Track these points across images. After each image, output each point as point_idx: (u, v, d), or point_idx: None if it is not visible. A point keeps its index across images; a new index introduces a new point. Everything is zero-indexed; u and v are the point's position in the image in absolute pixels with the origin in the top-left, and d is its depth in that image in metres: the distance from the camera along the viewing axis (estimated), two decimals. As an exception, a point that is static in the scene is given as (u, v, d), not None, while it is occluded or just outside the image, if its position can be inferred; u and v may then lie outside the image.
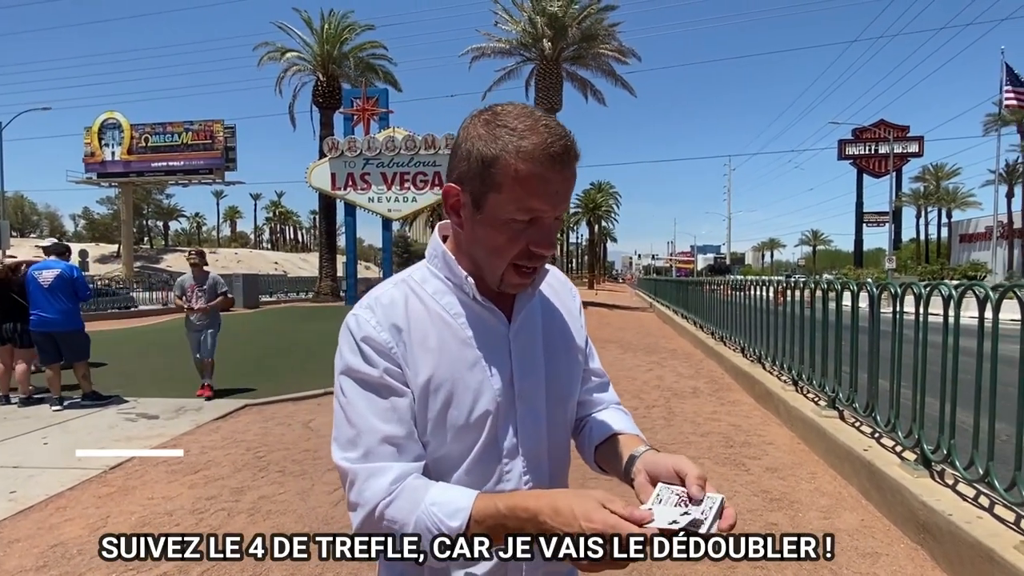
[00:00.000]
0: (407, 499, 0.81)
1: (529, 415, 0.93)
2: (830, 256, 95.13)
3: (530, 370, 0.94)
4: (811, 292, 5.61)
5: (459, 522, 0.77)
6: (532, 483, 0.92)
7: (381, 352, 0.86)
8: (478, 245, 0.88)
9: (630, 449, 0.94)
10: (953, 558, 2.73)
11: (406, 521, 0.80)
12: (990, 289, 2.89)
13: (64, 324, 6.05)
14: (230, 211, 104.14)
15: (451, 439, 0.88)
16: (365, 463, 0.83)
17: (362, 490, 0.82)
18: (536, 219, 0.84)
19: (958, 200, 53.23)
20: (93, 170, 35.46)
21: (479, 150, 0.83)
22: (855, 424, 4.49)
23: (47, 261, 6.27)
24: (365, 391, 0.86)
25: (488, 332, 0.91)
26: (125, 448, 4.64)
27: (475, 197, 0.85)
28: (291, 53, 26.94)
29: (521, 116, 0.83)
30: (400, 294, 0.91)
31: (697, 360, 9.73)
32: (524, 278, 0.89)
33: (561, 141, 0.82)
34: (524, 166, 0.80)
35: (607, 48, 23.93)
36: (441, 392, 0.87)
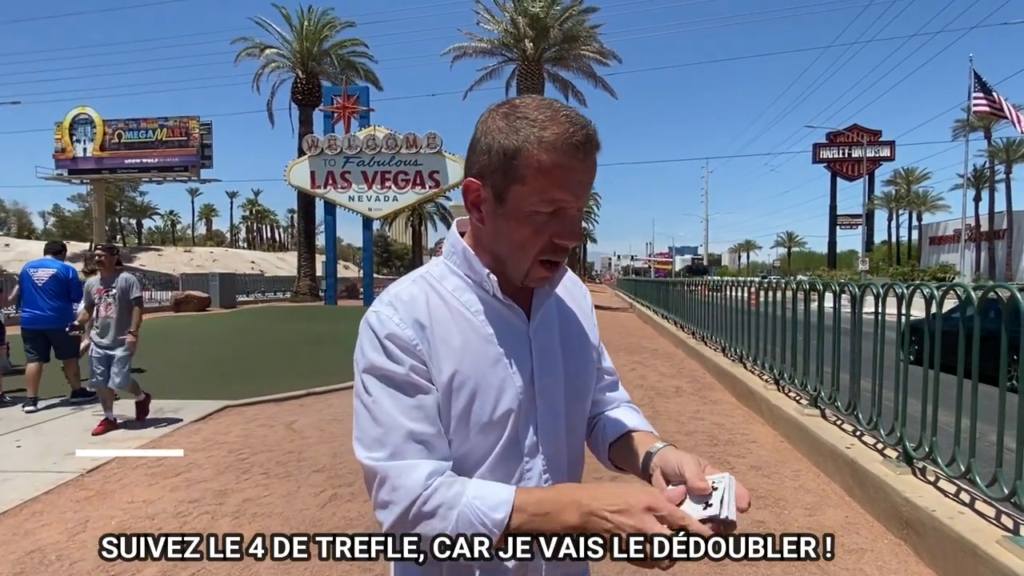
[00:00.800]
0: (446, 495, 0.79)
1: (549, 412, 0.93)
2: (804, 258, 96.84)
3: (549, 367, 0.93)
4: (792, 293, 5.69)
5: (502, 514, 0.77)
6: (551, 480, 0.92)
7: (406, 349, 0.84)
8: (501, 240, 0.87)
9: (646, 446, 0.94)
10: (936, 553, 2.79)
11: (447, 516, 0.78)
12: (972, 289, 2.96)
13: (56, 322, 5.99)
14: (206, 209, 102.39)
15: (474, 437, 0.87)
16: (395, 461, 0.81)
17: (395, 487, 0.80)
18: (559, 210, 0.83)
19: (928, 203, 54.55)
20: (64, 166, 34.57)
21: (500, 143, 0.82)
22: (837, 423, 4.57)
23: (43, 260, 6.24)
24: (391, 389, 0.84)
25: (509, 329, 0.91)
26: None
27: (497, 190, 0.84)
28: (270, 50, 26.60)
29: (541, 107, 0.83)
30: (420, 291, 0.90)
31: (679, 360, 9.82)
32: (549, 271, 0.88)
33: (583, 130, 0.82)
34: (547, 156, 0.80)
35: (588, 50, 24.05)
36: (465, 389, 0.86)
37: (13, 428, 5.15)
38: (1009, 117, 25.06)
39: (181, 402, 6.15)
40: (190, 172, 35.12)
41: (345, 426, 5.38)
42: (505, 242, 0.87)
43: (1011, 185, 44.86)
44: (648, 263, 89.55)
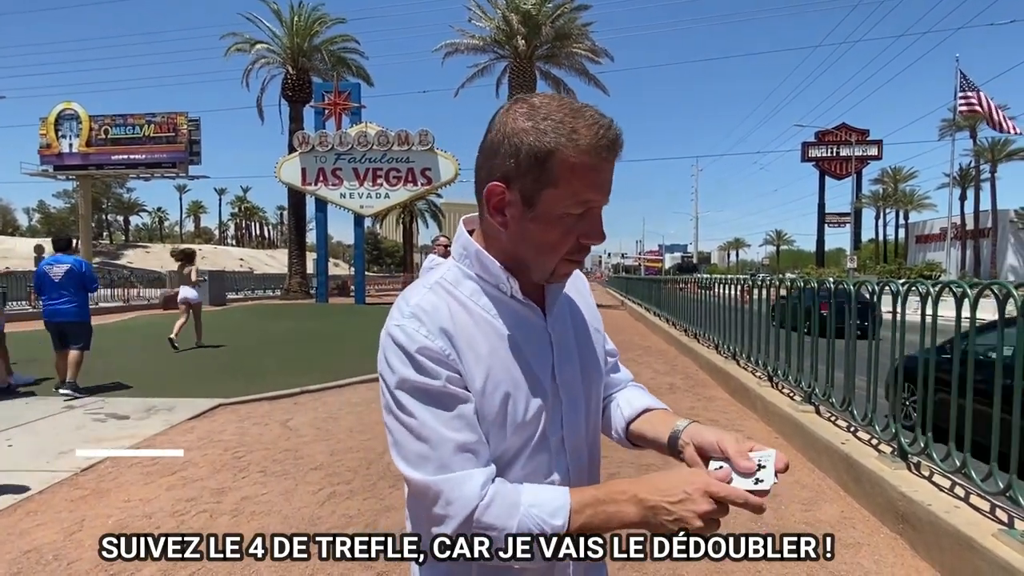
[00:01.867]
0: (502, 504, 0.79)
1: (571, 404, 0.94)
2: (793, 256, 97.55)
3: (568, 359, 0.95)
4: (787, 290, 5.74)
5: (562, 520, 0.78)
6: (576, 472, 0.94)
7: (439, 361, 0.83)
8: (528, 242, 0.86)
9: (669, 424, 0.96)
10: (933, 546, 2.82)
11: (506, 526, 0.78)
12: (968, 287, 2.99)
13: (73, 315, 6.48)
14: (194, 206, 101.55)
15: (510, 437, 0.87)
16: (446, 474, 0.80)
17: (450, 501, 0.79)
18: (588, 211, 0.84)
19: (914, 202, 55.11)
20: (49, 162, 34.08)
21: (529, 145, 0.81)
22: (831, 419, 4.61)
23: (57, 256, 6.62)
24: (428, 403, 0.82)
25: (529, 327, 0.91)
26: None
27: (526, 194, 0.83)
28: (260, 45, 26.41)
29: (564, 107, 0.83)
30: (440, 299, 0.88)
31: (672, 357, 9.87)
32: (572, 268, 0.90)
33: (611, 131, 0.82)
34: (580, 159, 0.80)
35: (580, 47, 24.08)
36: (498, 393, 0.86)
37: (3, 427, 5.08)
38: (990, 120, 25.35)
39: (174, 400, 6.10)
40: (178, 168, 34.73)
41: (341, 424, 5.36)
42: (533, 244, 0.86)
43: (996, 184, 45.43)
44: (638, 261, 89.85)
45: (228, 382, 7.02)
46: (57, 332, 6.45)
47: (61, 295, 6.42)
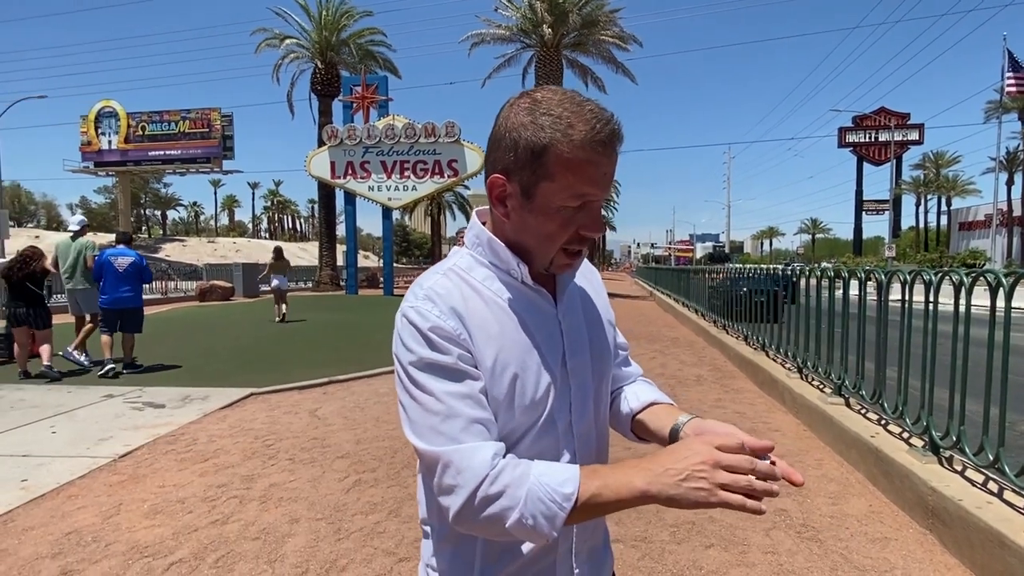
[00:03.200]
0: (513, 473, 0.80)
1: (580, 390, 0.95)
2: (829, 244, 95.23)
3: (579, 347, 0.96)
4: (816, 280, 5.61)
5: (571, 488, 0.78)
6: (582, 457, 0.95)
7: (451, 339, 0.85)
8: (528, 233, 0.89)
9: (672, 418, 0.98)
10: (963, 543, 2.75)
11: (515, 497, 0.79)
12: (1003, 276, 2.89)
13: (133, 302, 7.40)
14: (228, 200, 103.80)
15: (519, 417, 0.89)
16: (456, 445, 0.82)
17: (460, 470, 0.80)
18: (586, 204, 0.85)
19: (958, 188, 53.15)
20: (90, 159, 35.27)
21: (527, 139, 0.83)
22: (861, 411, 4.51)
23: (119, 248, 7.51)
24: (441, 378, 0.84)
25: (539, 313, 0.93)
26: (134, 435, 4.65)
27: (525, 187, 0.85)
28: (289, 40, 26.75)
29: (564, 101, 0.83)
30: (452, 283, 0.91)
31: (700, 348, 9.75)
32: (572, 259, 0.90)
33: (609, 126, 0.82)
34: (575, 154, 0.81)
35: (608, 34, 23.77)
36: (507, 374, 0.87)
37: (48, 415, 5.31)
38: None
39: (208, 389, 6.29)
40: (212, 163, 35.60)
41: (368, 413, 5.45)
42: (532, 235, 0.88)
43: (1045, 168, 43.46)
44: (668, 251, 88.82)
45: (260, 372, 7.20)
46: (117, 317, 7.28)
47: (124, 285, 7.30)
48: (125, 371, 7.22)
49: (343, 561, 2.82)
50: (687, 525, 3.16)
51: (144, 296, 7.94)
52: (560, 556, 0.94)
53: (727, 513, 3.30)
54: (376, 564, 2.78)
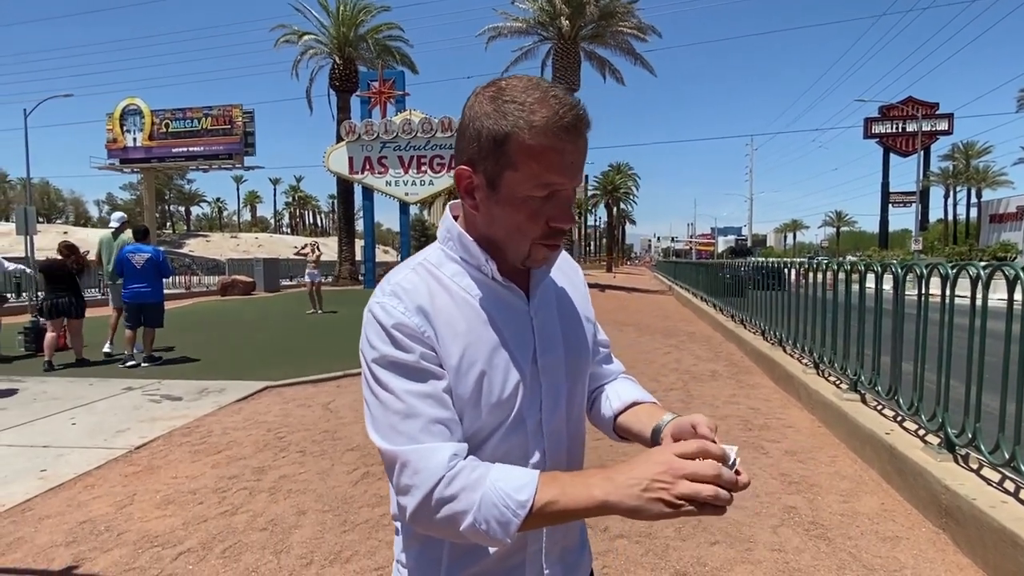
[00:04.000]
0: (469, 476, 0.79)
1: (551, 389, 0.93)
2: (854, 237, 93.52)
3: (551, 345, 0.94)
4: (834, 274, 5.51)
5: (527, 495, 0.77)
6: (552, 456, 0.93)
7: (414, 337, 0.84)
8: (498, 226, 0.87)
9: (655, 418, 0.96)
10: (976, 542, 2.69)
11: (469, 500, 0.78)
12: (1020, 269, 2.80)
13: (151, 297, 7.56)
14: (250, 196, 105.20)
15: (485, 416, 0.87)
16: (415, 445, 0.81)
17: (417, 471, 0.80)
18: (553, 193, 0.83)
19: (989, 179, 51.79)
20: (116, 156, 35.97)
21: (489, 128, 0.81)
22: (877, 407, 4.42)
23: (137, 245, 7.67)
24: (403, 377, 0.83)
25: (510, 310, 0.91)
26: (151, 427, 4.75)
27: (490, 177, 0.83)
28: (308, 36, 26.91)
29: (528, 89, 0.82)
30: (420, 278, 0.90)
31: (716, 343, 9.65)
32: (548, 252, 0.88)
33: (572, 111, 0.80)
34: (537, 141, 0.79)
35: (626, 26, 23.53)
36: (473, 372, 0.86)
37: (68, 407, 5.45)
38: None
39: (225, 382, 6.39)
40: (234, 160, 36.07)
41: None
42: (502, 227, 0.86)
43: (1081, 158, 42.08)
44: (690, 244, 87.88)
45: (276, 366, 7.29)
46: (137, 311, 7.50)
47: (142, 280, 7.49)
48: (144, 364, 7.43)
49: (348, 552, 2.84)
50: (692, 521, 3.13)
51: (167, 291, 8.25)
52: (529, 556, 0.93)
53: (733, 509, 3.26)
54: (379, 556, 2.80)
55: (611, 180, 62.19)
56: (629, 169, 65.04)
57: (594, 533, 2.99)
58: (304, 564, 2.74)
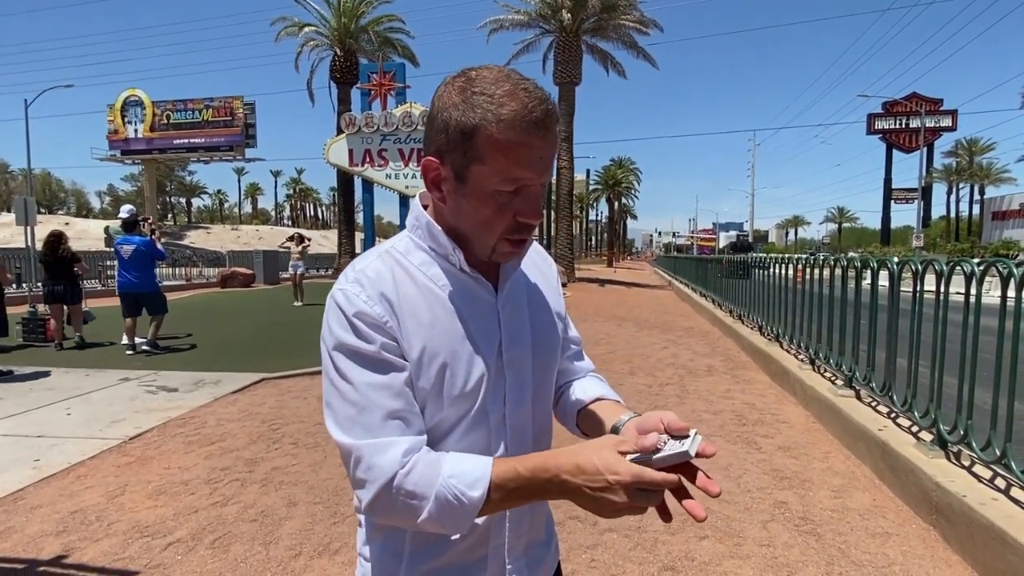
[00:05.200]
0: (423, 472, 0.79)
1: (516, 383, 0.92)
2: (856, 234, 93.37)
3: (518, 339, 0.93)
4: (830, 269, 5.50)
5: (480, 492, 0.77)
6: (516, 451, 0.92)
7: (375, 327, 0.83)
8: (464, 219, 0.85)
9: (615, 416, 0.95)
10: (965, 539, 2.68)
11: (425, 495, 0.78)
12: (1014, 266, 2.79)
13: (141, 287, 7.75)
14: (251, 188, 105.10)
15: (447, 408, 0.87)
16: (371, 439, 0.80)
17: (371, 466, 0.80)
18: (521, 188, 0.81)
19: (992, 176, 51.60)
20: (117, 147, 35.99)
21: (457, 120, 0.79)
22: (871, 404, 4.42)
23: (126, 236, 7.82)
24: (362, 367, 0.82)
25: (477, 302, 0.90)
26: (146, 418, 4.76)
27: (457, 170, 0.82)
28: (308, 27, 26.82)
29: (499, 81, 0.80)
30: (386, 266, 0.88)
31: (714, 338, 9.64)
32: (516, 247, 0.87)
33: (542, 106, 0.79)
34: (506, 135, 0.77)
35: (628, 19, 23.40)
36: (435, 363, 0.85)
37: (64, 397, 5.46)
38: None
39: (221, 374, 6.39)
40: (235, 151, 36.08)
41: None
42: (468, 221, 0.85)
43: (1085, 155, 41.89)
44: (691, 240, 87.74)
45: (273, 357, 7.30)
46: (133, 302, 7.74)
47: (131, 271, 7.68)
48: (145, 348, 7.63)
49: (336, 544, 2.85)
50: (681, 515, 3.12)
51: (167, 282, 8.41)
52: (492, 551, 0.92)
53: (724, 504, 3.27)
54: (356, 555, 2.80)
55: (613, 174, 62.07)
56: (631, 163, 64.91)
57: (584, 527, 3.00)
58: (293, 555, 2.74)
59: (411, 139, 20.07)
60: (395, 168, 20.30)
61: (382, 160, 20.34)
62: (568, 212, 25.60)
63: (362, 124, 20.25)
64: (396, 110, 20.32)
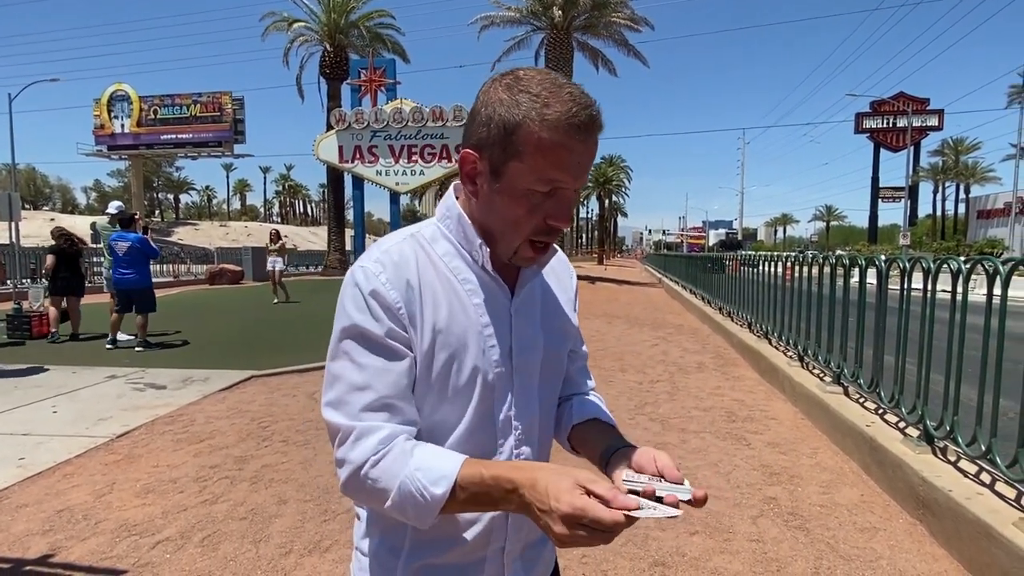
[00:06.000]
0: (393, 461, 0.80)
1: (524, 390, 0.92)
2: (844, 232, 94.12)
3: (528, 345, 0.93)
4: (819, 268, 5.54)
5: (442, 490, 0.76)
6: (523, 456, 0.92)
7: (387, 310, 0.83)
8: (494, 215, 0.85)
9: (607, 440, 0.93)
10: (951, 534, 2.72)
11: (389, 485, 0.79)
12: (1000, 263, 2.82)
13: (136, 283, 7.74)
14: (240, 184, 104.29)
15: (447, 404, 0.87)
16: (356, 421, 0.81)
17: (351, 447, 0.81)
18: (555, 191, 0.81)
19: (977, 175, 52.22)
20: (103, 143, 35.55)
21: (500, 115, 0.80)
22: (859, 400, 4.46)
23: (121, 232, 7.82)
24: (364, 349, 0.83)
25: (492, 302, 0.90)
26: (134, 416, 4.71)
27: (494, 165, 0.82)
28: (298, 23, 26.62)
29: (545, 82, 0.80)
30: (410, 250, 0.89)
31: (704, 335, 9.69)
32: (538, 252, 0.87)
33: (587, 110, 0.79)
34: (547, 135, 0.77)
35: (619, 16, 23.41)
36: (443, 355, 0.85)
37: (50, 395, 5.39)
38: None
39: (210, 371, 6.34)
40: (224, 147, 35.77)
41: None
42: (498, 218, 0.85)
43: (1068, 155, 42.45)
44: (681, 238, 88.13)
45: (263, 355, 7.25)
46: (126, 298, 7.76)
47: (126, 267, 7.69)
48: (139, 349, 7.62)
49: (327, 542, 2.83)
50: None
51: (155, 279, 8.45)
52: (491, 553, 0.92)
53: (714, 500, 3.29)
54: (352, 549, 2.79)
55: (603, 172, 62.15)
56: (621, 161, 65.09)
57: (575, 523, 3.00)
58: (283, 553, 2.73)
59: (401, 135, 20.00)
60: (385, 164, 20.22)
61: (372, 156, 20.26)
62: (559, 209, 25.57)
63: (352, 120, 20.15)
64: (387, 106, 20.23)
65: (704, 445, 4.23)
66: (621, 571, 2.61)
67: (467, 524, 0.89)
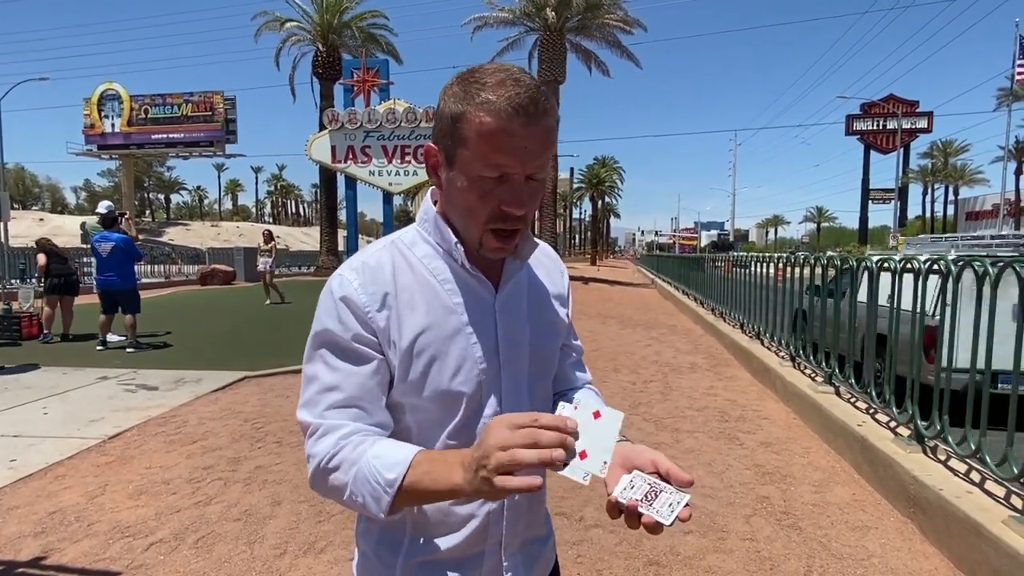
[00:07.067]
0: (351, 452, 0.82)
1: (513, 387, 0.92)
2: (835, 233, 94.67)
3: (515, 342, 0.93)
4: (810, 268, 5.58)
5: (395, 474, 0.77)
6: None
7: (357, 315, 0.86)
8: (453, 205, 0.87)
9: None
10: (942, 532, 2.75)
11: (349, 473, 0.81)
12: (989, 264, 2.86)
13: (120, 284, 7.67)
14: (231, 184, 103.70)
15: (430, 406, 0.88)
16: (321, 420, 0.85)
17: (315, 443, 0.84)
18: (505, 176, 0.81)
19: (966, 177, 52.67)
20: (93, 142, 35.25)
21: (450, 107, 0.82)
22: (851, 400, 4.50)
23: (104, 234, 7.79)
24: (332, 353, 0.87)
25: (475, 300, 0.90)
26: (125, 417, 4.68)
27: (448, 155, 0.84)
28: (291, 23, 26.50)
29: (496, 72, 0.81)
30: (388, 256, 0.90)
31: (696, 336, 9.74)
32: (502, 242, 0.86)
33: (527, 93, 0.78)
34: (489, 119, 0.78)
35: (612, 18, 23.48)
36: (423, 357, 0.86)
37: (41, 396, 5.35)
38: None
39: (202, 372, 6.31)
40: (215, 147, 35.54)
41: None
42: (457, 207, 0.87)
43: (1055, 157, 42.96)
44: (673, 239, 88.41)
45: (256, 355, 7.22)
46: (110, 299, 7.69)
47: (110, 269, 7.63)
48: (130, 350, 7.57)
49: (322, 543, 2.83)
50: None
51: (146, 280, 8.36)
52: (488, 548, 0.93)
53: (707, 499, 3.31)
54: (354, 547, 2.79)
55: (596, 173, 62.25)
56: (614, 163, 65.15)
57: (569, 523, 3.02)
58: (278, 554, 2.72)
59: (395, 136, 19.95)
60: (378, 165, 20.16)
61: (365, 157, 20.19)
62: (552, 210, 25.67)
63: (345, 120, 20.07)
64: (380, 107, 20.17)
65: (697, 445, 4.26)
66: (616, 570, 2.62)
67: (464, 518, 0.90)
